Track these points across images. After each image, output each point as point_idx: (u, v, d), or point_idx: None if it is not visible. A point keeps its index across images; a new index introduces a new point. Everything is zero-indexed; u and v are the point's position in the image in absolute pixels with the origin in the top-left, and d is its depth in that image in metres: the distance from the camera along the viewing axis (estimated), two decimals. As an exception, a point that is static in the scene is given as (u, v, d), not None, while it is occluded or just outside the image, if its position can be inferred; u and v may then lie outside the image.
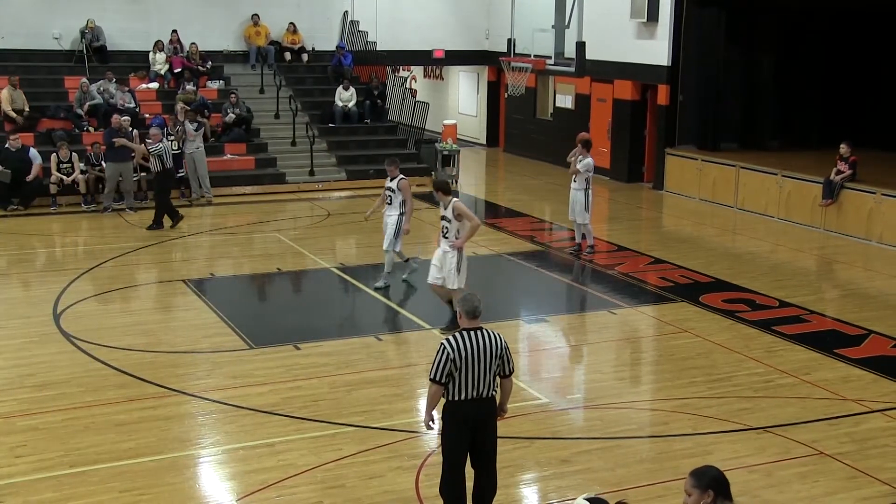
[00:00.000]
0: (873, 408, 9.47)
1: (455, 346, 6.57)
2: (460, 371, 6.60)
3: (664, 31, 20.74)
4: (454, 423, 6.71)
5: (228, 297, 13.53)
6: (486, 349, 6.68)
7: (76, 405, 9.32)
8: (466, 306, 6.70)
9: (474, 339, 6.64)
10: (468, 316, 6.68)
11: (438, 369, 6.59)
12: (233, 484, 7.87)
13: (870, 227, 16.67)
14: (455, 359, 6.56)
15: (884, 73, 21.10)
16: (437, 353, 6.62)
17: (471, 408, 6.70)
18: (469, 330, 6.68)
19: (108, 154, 18.33)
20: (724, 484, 4.70)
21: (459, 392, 6.64)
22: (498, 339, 6.80)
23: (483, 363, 6.66)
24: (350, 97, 22.84)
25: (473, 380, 6.65)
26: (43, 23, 22.20)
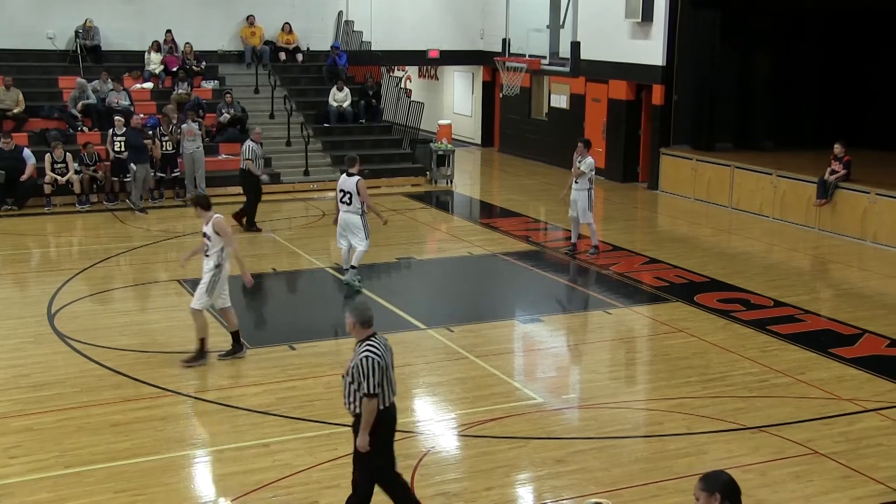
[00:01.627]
0: (867, 407, 9.49)
1: (379, 353, 6.56)
2: (385, 378, 6.62)
3: (659, 31, 20.77)
4: (387, 430, 6.73)
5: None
6: (391, 351, 6.78)
7: (71, 406, 9.31)
8: (364, 316, 6.65)
9: (382, 344, 6.67)
10: (365, 325, 6.64)
11: (376, 382, 6.50)
12: (228, 484, 7.86)
13: (864, 227, 16.71)
14: (384, 366, 6.56)
15: (878, 73, 21.14)
16: (367, 367, 6.47)
17: (391, 413, 6.77)
18: (373, 336, 6.66)
19: (132, 155, 18.37)
20: (733, 490, 4.68)
21: (383, 401, 6.64)
22: (385, 339, 6.86)
23: (392, 365, 6.77)
24: (345, 97, 22.83)
25: (391, 384, 6.71)
26: (37, 23, 22.16)
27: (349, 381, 6.60)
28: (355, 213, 13.26)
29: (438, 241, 17.13)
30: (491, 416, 9.18)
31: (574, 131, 23.44)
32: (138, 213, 18.23)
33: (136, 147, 18.43)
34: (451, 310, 13.02)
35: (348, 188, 13.20)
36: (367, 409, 6.53)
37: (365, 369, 6.48)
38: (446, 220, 19.20)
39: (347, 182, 13.24)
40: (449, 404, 9.55)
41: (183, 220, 17.91)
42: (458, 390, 9.88)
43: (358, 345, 6.63)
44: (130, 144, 18.46)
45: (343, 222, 13.37)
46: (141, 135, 18.60)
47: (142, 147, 18.50)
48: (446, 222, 18.83)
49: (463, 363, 10.61)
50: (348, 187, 13.20)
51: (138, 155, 18.38)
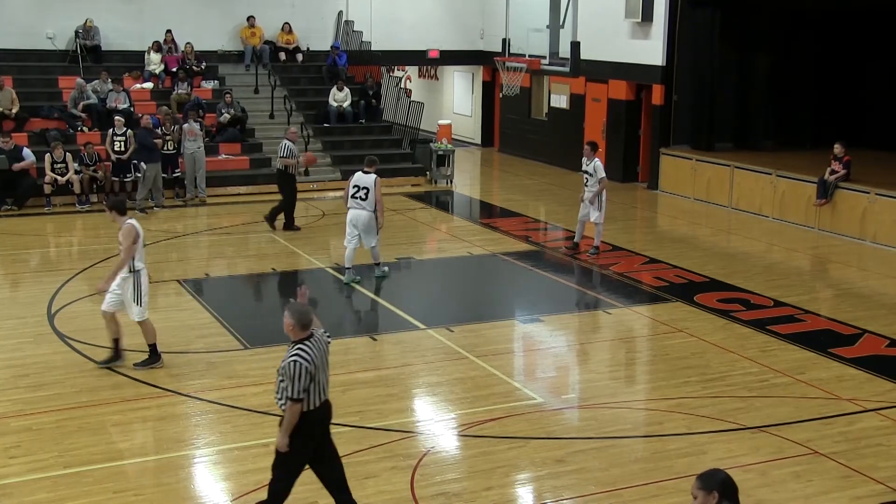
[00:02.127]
0: (867, 407, 9.49)
1: (308, 358, 6.55)
2: (314, 381, 6.61)
3: (658, 31, 20.77)
4: (310, 431, 6.73)
5: (223, 297, 13.51)
6: (325, 352, 6.77)
7: (70, 406, 9.31)
8: (302, 317, 6.63)
9: (315, 346, 6.66)
10: (303, 328, 6.63)
11: (300, 387, 6.49)
12: (228, 484, 7.87)
13: (864, 227, 16.71)
14: (312, 371, 6.56)
15: (877, 73, 21.15)
16: (294, 371, 6.46)
17: (321, 413, 6.77)
18: (308, 339, 6.65)
19: (142, 155, 18.37)
20: (730, 487, 4.68)
21: (312, 402, 6.65)
22: (324, 337, 6.86)
23: (326, 366, 6.77)
24: (345, 97, 22.83)
25: (322, 386, 6.71)
26: (37, 23, 22.17)
27: (280, 378, 6.63)
28: (369, 211, 13.35)
29: (438, 241, 17.13)
30: (491, 416, 9.18)
31: (574, 131, 23.47)
32: (139, 213, 18.22)
33: (147, 146, 18.43)
34: (450, 310, 13.02)
35: (365, 184, 13.32)
36: (290, 412, 6.56)
37: (291, 373, 6.48)
38: (446, 220, 19.20)
39: (365, 179, 13.37)
40: (449, 404, 9.55)
41: (183, 221, 17.92)
42: (458, 390, 9.88)
43: (291, 346, 6.63)
44: (140, 144, 18.47)
45: (356, 219, 13.42)
46: (151, 134, 18.62)
47: (152, 146, 18.51)
48: (446, 222, 18.84)
49: (463, 363, 10.61)
50: (365, 184, 13.33)
51: (149, 154, 18.38)
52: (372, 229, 13.43)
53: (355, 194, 13.37)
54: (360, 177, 13.45)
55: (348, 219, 13.53)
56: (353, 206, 13.41)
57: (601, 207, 15.13)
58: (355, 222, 13.43)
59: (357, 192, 13.36)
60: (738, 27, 21.19)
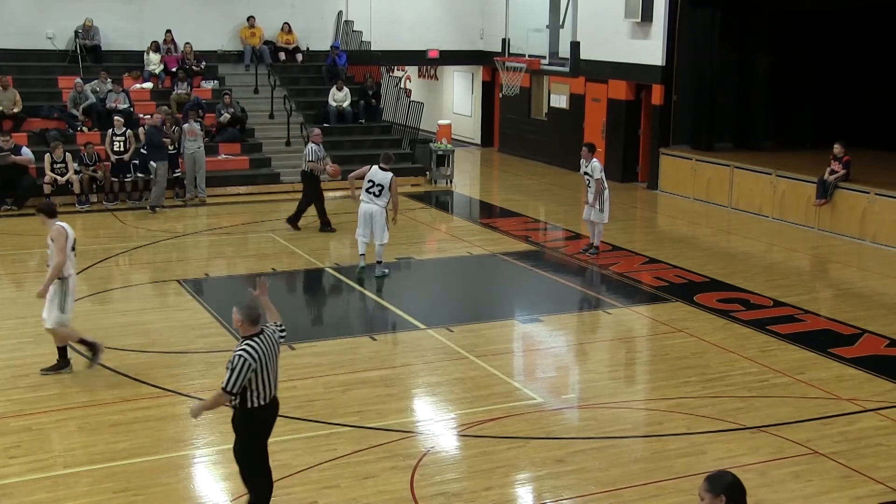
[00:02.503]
0: (867, 407, 9.49)
1: (254, 356, 6.57)
2: (260, 377, 6.62)
3: (658, 31, 20.77)
4: (259, 429, 6.79)
5: (223, 297, 13.50)
6: (274, 349, 6.80)
7: (70, 406, 9.31)
8: (251, 314, 6.66)
9: (264, 343, 6.68)
10: (252, 323, 6.66)
11: (238, 381, 6.51)
12: (227, 484, 7.86)
13: (863, 227, 16.70)
14: (256, 368, 6.57)
15: (877, 73, 21.14)
16: (236, 364, 6.49)
17: (269, 410, 6.81)
18: (257, 335, 6.68)
19: (152, 153, 18.37)
20: (738, 491, 4.63)
21: (260, 398, 6.67)
22: (275, 334, 6.90)
23: (275, 364, 6.79)
24: (344, 97, 22.83)
25: (270, 382, 6.73)
26: (36, 23, 22.16)
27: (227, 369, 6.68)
28: (382, 207, 13.66)
29: (438, 241, 17.13)
30: (490, 416, 9.18)
31: (574, 131, 23.47)
32: (150, 212, 18.27)
33: (156, 145, 18.45)
34: (450, 310, 13.02)
35: (380, 181, 13.61)
36: (215, 398, 6.68)
37: (234, 366, 6.52)
38: (446, 220, 19.20)
39: (381, 175, 13.64)
40: (448, 404, 9.55)
41: (183, 221, 17.92)
42: (458, 390, 9.88)
43: (241, 340, 6.67)
44: (150, 143, 18.48)
45: (368, 213, 13.69)
46: (161, 133, 18.64)
47: (161, 145, 18.53)
48: (446, 222, 18.84)
49: (462, 363, 10.61)
50: (380, 181, 13.61)
51: (158, 153, 18.40)
52: (383, 225, 13.72)
53: (369, 189, 13.65)
54: (377, 172, 13.70)
55: (361, 212, 13.78)
56: (366, 199, 13.69)
57: (604, 208, 15.12)
58: (368, 216, 13.72)
59: (371, 188, 13.64)
60: (738, 27, 21.18)
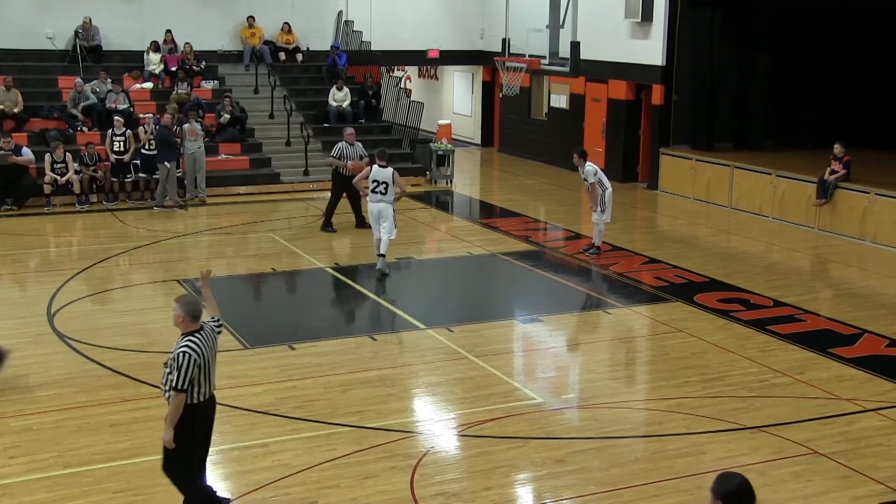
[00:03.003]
0: (867, 407, 9.49)
1: (198, 351, 6.59)
2: (202, 373, 6.65)
3: (658, 31, 20.77)
4: (197, 424, 6.78)
5: (223, 297, 13.41)
6: (213, 344, 6.83)
7: (70, 406, 9.31)
8: (192, 309, 6.69)
9: (205, 338, 6.71)
10: (193, 319, 6.69)
11: (187, 378, 6.54)
12: (228, 484, 7.86)
13: (864, 227, 16.70)
14: (200, 363, 6.60)
15: (877, 73, 21.15)
16: (181, 362, 6.52)
17: (208, 406, 6.83)
18: (198, 331, 6.70)
19: (163, 153, 18.41)
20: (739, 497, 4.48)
21: (201, 394, 6.70)
22: (213, 330, 6.91)
23: (213, 359, 6.82)
24: (344, 97, 22.83)
25: (209, 378, 6.76)
26: (36, 23, 22.17)
27: (167, 371, 6.68)
28: (390, 203, 14.06)
29: (438, 241, 17.13)
30: (490, 416, 9.18)
31: (574, 131, 23.47)
32: (178, 210, 18.39)
33: (168, 144, 18.50)
34: (450, 310, 13.02)
35: (384, 178, 13.99)
36: (174, 403, 6.64)
37: (179, 363, 6.54)
38: (446, 220, 19.20)
39: (383, 173, 14.02)
40: (448, 404, 9.55)
41: (183, 221, 17.92)
42: (458, 390, 9.88)
43: (182, 337, 6.68)
44: (161, 142, 18.52)
45: (377, 211, 14.07)
46: (171, 133, 18.70)
47: (172, 144, 18.59)
48: (446, 222, 18.83)
49: (462, 363, 10.61)
50: (384, 178, 13.99)
51: (169, 152, 18.46)
52: (391, 220, 14.08)
53: (375, 188, 14.02)
54: (378, 171, 14.07)
55: (372, 211, 14.16)
56: (374, 199, 14.07)
57: (605, 209, 15.11)
58: (378, 214, 14.09)
59: (377, 187, 14.01)
60: (738, 27, 21.19)
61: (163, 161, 18.43)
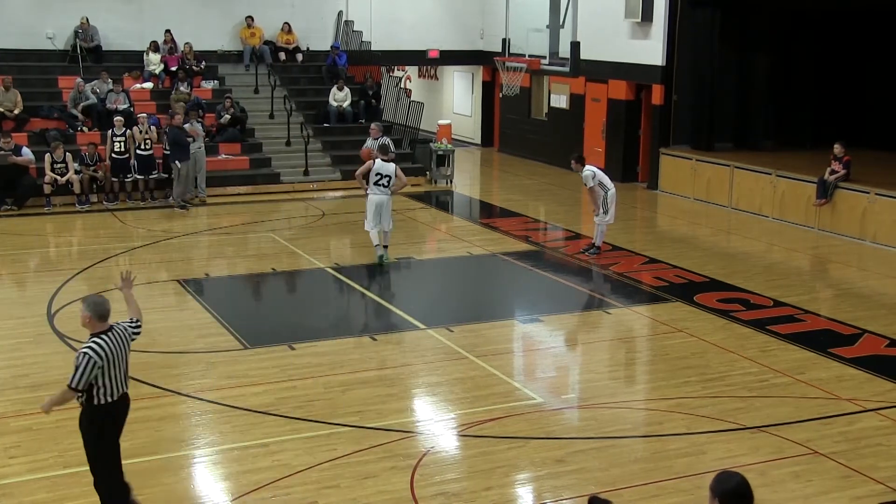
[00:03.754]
0: (867, 407, 9.49)
1: (101, 353, 6.58)
2: (106, 374, 6.63)
3: (658, 31, 20.77)
4: (107, 427, 6.77)
5: (223, 297, 13.52)
6: (123, 346, 6.82)
7: (70, 406, 9.24)
8: (99, 309, 6.70)
9: (112, 340, 6.70)
10: (101, 319, 6.70)
11: (82, 378, 6.53)
12: (228, 484, 7.87)
13: (864, 227, 16.70)
14: (102, 366, 6.59)
15: (877, 73, 21.14)
16: (80, 362, 6.52)
17: (117, 407, 6.81)
18: (105, 332, 6.70)
19: (175, 152, 18.47)
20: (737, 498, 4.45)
21: (107, 395, 6.69)
22: (127, 330, 6.91)
23: (123, 361, 6.79)
24: (344, 97, 22.83)
25: (116, 379, 6.73)
26: (36, 23, 22.16)
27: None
28: (390, 195, 14.54)
29: (438, 241, 17.13)
30: (490, 416, 9.18)
31: (574, 131, 23.48)
32: (178, 210, 18.45)
33: (180, 144, 18.54)
34: (450, 310, 13.02)
35: (387, 172, 14.40)
36: (60, 396, 6.72)
37: (78, 364, 6.54)
38: (446, 220, 19.20)
39: (387, 167, 14.43)
40: (448, 404, 9.55)
41: (183, 220, 17.92)
42: (458, 390, 9.88)
43: (88, 337, 6.68)
44: (173, 141, 18.57)
45: (379, 204, 14.41)
46: (183, 132, 18.76)
47: (185, 144, 18.63)
48: (446, 222, 18.83)
49: (462, 363, 10.61)
50: (387, 172, 14.41)
51: (181, 152, 18.51)
52: (390, 212, 14.55)
53: (378, 181, 14.36)
54: (382, 165, 14.43)
55: (373, 203, 14.41)
56: (376, 192, 14.40)
57: (607, 209, 15.11)
58: (379, 206, 14.42)
59: (380, 180, 14.37)
60: (738, 27, 21.18)
61: (174, 161, 18.48)
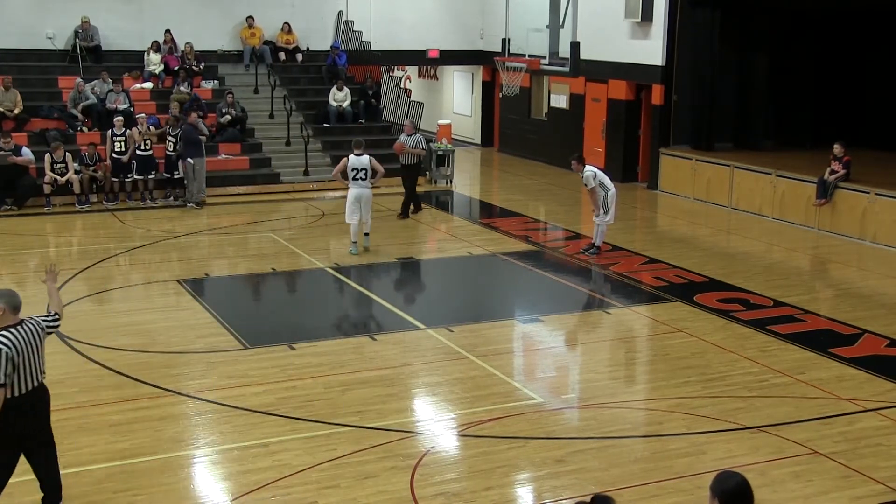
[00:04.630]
0: (867, 407, 9.49)
1: (11, 345, 6.60)
2: (19, 367, 6.65)
3: (658, 31, 20.77)
4: (11, 420, 6.74)
5: (223, 297, 13.52)
6: (36, 339, 6.85)
7: (70, 405, 9.30)
8: (13, 301, 6.77)
9: (22, 333, 6.73)
10: (14, 311, 6.75)
11: (3, 372, 6.53)
12: (228, 484, 7.87)
13: (863, 227, 16.70)
14: (13, 356, 6.60)
15: (877, 73, 21.15)
16: None
17: (29, 400, 6.80)
18: (17, 325, 6.74)
19: (189, 150, 18.61)
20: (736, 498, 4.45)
21: (19, 387, 6.70)
22: (41, 324, 6.95)
23: (36, 352, 6.82)
24: (344, 97, 22.82)
25: (29, 372, 6.75)
26: (36, 22, 22.16)
27: None
28: (369, 188, 15.20)
29: (438, 241, 17.13)
30: (490, 416, 9.18)
31: (574, 131, 23.48)
32: (193, 207, 18.65)
33: (193, 142, 18.69)
34: (450, 310, 13.02)
35: (363, 166, 15.05)
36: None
37: None
38: (446, 220, 19.19)
39: (361, 161, 15.07)
40: (448, 404, 9.55)
41: (183, 221, 17.92)
42: (458, 390, 9.88)
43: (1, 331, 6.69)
44: (187, 139, 18.70)
45: (359, 196, 15.06)
46: (197, 131, 18.92)
47: (198, 142, 18.79)
48: (446, 222, 18.83)
49: (462, 363, 10.61)
50: (363, 165, 15.05)
51: (196, 150, 18.65)
52: (370, 204, 15.24)
53: (356, 176, 15.04)
54: (356, 160, 15.07)
55: (353, 196, 15.07)
56: (356, 186, 15.08)
57: (608, 209, 15.10)
58: (359, 200, 15.05)
59: (357, 174, 15.03)
60: (738, 27, 21.18)
61: (188, 158, 18.63)
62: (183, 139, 18.79)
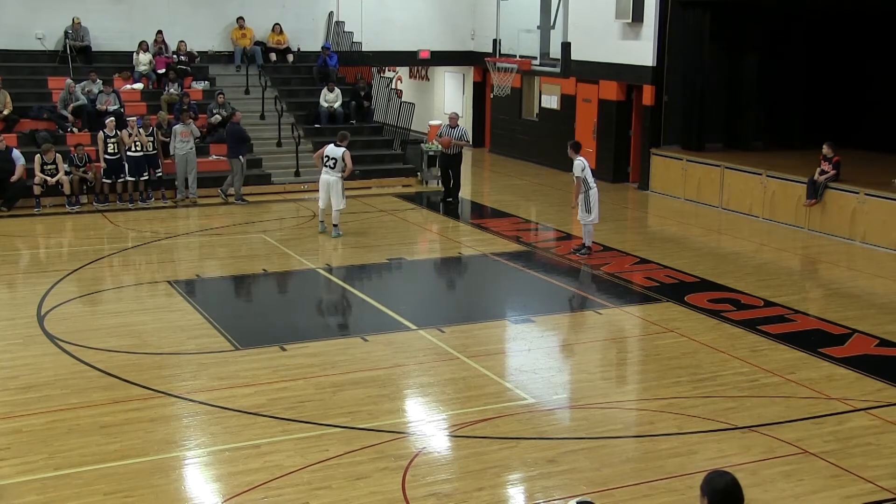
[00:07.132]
0: (857, 406, 9.52)
1: None
2: None
3: (649, 32, 20.80)
4: None
5: (214, 298, 13.50)
6: None
7: (60, 407, 9.28)
8: None
9: None
10: None
11: None
12: (219, 485, 7.85)
13: (853, 227, 16.76)
14: None
15: (867, 74, 21.22)
16: None
17: None
18: None
19: (232, 149, 19.34)
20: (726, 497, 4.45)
21: None
22: None
23: None
24: (335, 98, 22.80)
25: None
26: (26, 23, 22.09)
27: None
28: (338, 177, 16.29)
29: (429, 241, 17.13)
30: (482, 417, 9.19)
31: (565, 131, 23.48)
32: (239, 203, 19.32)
33: (243, 139, 19.52)
34: (442, 310, 13.03)
35: (334, 156, 16.24)
36: None
37: None
38: (437, 220, 19.19)
39: (336, 151, 16.27)
40: (440, 405, 9.55)
41: (174, 221, 17.88)
42: (450, 391, 9.88)
43: None
44: (236, 137, 19.34)
45: (326, 182, 16.31)
46: (242, 129, 19.65)
47: (246, 139, 19.71)
48: (437, 223, 18.83)
49: (454, 364, 10.61)
50: (335, 155, 16.24)
51: (242, 147, 19.40)
52: (338, 193, 16.27)
53: (326, 163, 16.30)
54: (332, 149, 16.32)
55: (322, 181, 16.42)
56: (324, 172, 16.34)
57: (590, 208, 15.09)
58: (325, 184, 16.32)
59: (328, 161, 16.28)
60: (729, 28, 21.22)
61: (237, 156, 19.26)
62: (231, 137, 19.41)
